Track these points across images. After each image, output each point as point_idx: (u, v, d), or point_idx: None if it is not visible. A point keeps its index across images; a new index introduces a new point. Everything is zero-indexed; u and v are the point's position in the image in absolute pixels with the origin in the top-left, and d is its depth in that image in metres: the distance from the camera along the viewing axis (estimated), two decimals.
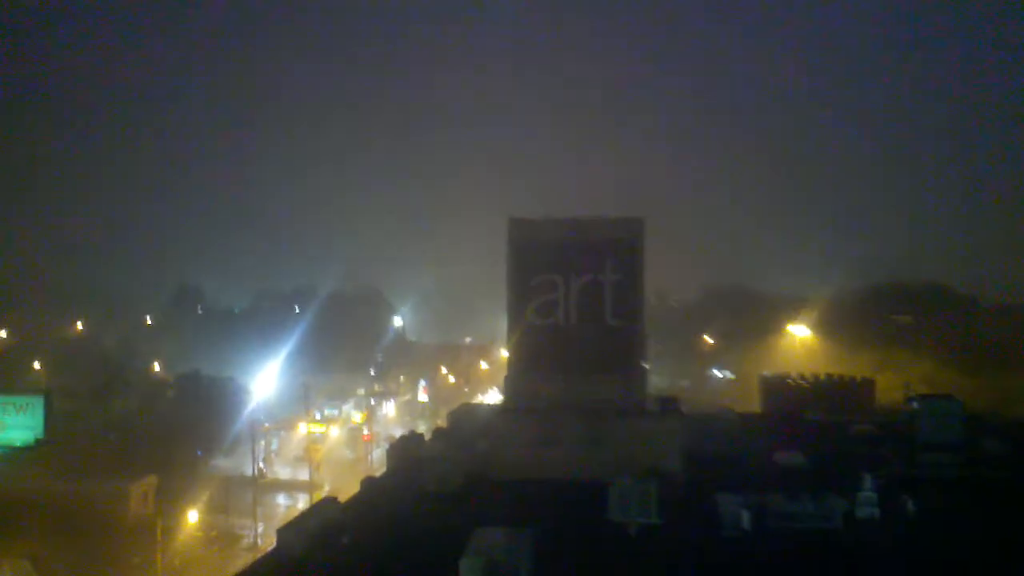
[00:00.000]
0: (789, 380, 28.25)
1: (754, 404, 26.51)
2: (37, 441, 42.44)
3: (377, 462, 51.19)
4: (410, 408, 77.78)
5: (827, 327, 48.27)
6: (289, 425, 61.05)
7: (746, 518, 15.62)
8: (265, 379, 56.71)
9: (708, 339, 57.11)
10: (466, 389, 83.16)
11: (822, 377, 28.69)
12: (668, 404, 22.72)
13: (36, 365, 67.30)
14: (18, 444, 42.43)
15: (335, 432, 64.14)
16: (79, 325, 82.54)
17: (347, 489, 22.39)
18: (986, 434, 23.50)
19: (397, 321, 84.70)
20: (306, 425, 58.15)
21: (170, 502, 40.53)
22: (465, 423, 22.80)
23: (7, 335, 74.93)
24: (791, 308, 51.51)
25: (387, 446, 26.39)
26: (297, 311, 72.66)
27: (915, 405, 24.81)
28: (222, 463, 51.63)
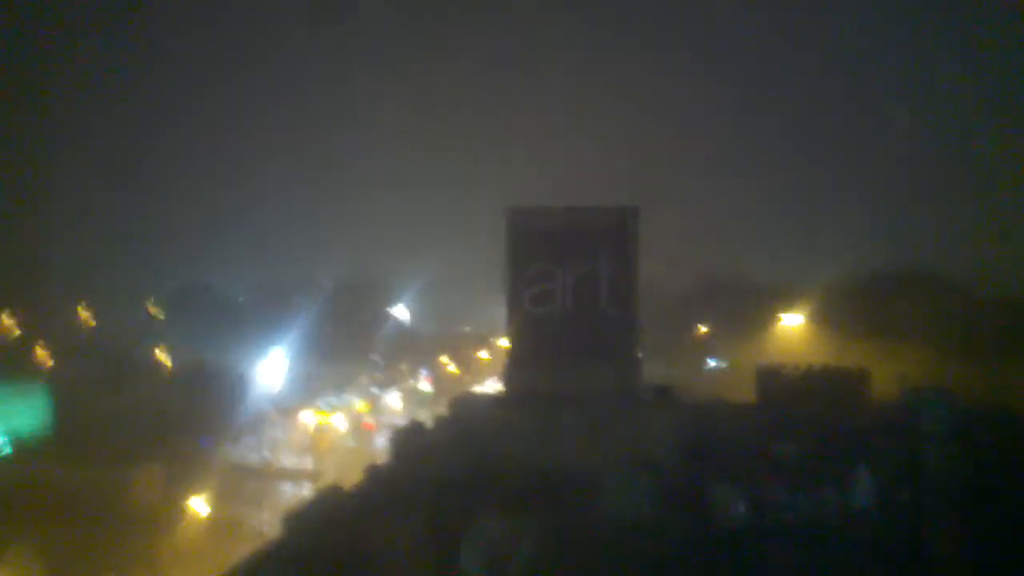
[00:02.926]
0: (784, 370, 28.36)
1: (749, 394, 26.66)
2: (43, 429, 42.83)
3: (380, 451, 51.50)
4: (412, 397, 78.00)
5: (822, 316, 48.37)
6: (293, 414, 61.39)
7: (741, 509, 15.89)
8: (269, 368, 57.03)
9: (703, 328, 57.21)
10: (467, 378, 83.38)
11: (817, 368, 28.79)
12: (663, 393, 22.98)
13: (41, 353, 67.60)
14: (23, 432, 42.82)
15: (339, 421, 64.48)
16: (85, 313, 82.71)
17: (351, 478, 22.71)
18: (983, 426, 23.65)
19: (399, 310, 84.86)
20: (310, 414, 58.51)
21: (176, 491, 40.91)
22: (466, 412, 23.08)
23: (13, 322, 75.18)
24: (787, 296, 51.59)
25: (389, 435, 26.68)
26: (301, 300, 72.85)
27: (911, 397, 25.01)
28: (228, 452, 52.04)
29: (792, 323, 50.05)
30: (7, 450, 41.54)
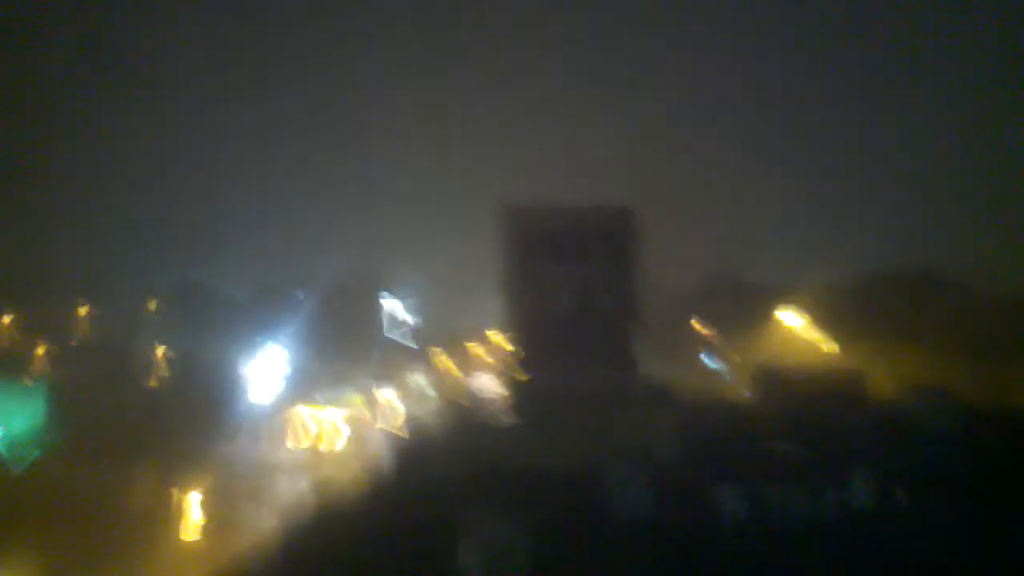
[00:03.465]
0: (784, 371, 28.41)
1: (747, 394, 26.71)
2: (42, 428, 42.61)
3: (379, 450, 51.35)
4: (412, 396, 77.86)
5: (822, 317, 48.28)
6: (291, 411, 61.18)
7: (741, 507, 15.84)
8: (267, 365, 56.87)
9: (703, 328, 57.12)
10: (462, 377, 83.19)
11: (817, 368, 28.86)
12: (662, 393, 22.96)
13: (40, 352, 67.38)
14: (22, 432, 42.60)
15: (336, 418, 64.27)
16: (83, 312, 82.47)
17: (348, 475, 22.67)
18: (983, 426, 23.59)
19: (398, 308, 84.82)
20: (308, 411, 58.32)
21: (173, 489, 40.76)
22: (464, 411, 23.06)
23: (11, 321, 74.97)
24: (786, 297, 51.52)
25: (389, 434, 26.67)
26: (300, 298, 72.75)
27: (910, 397, 25.03)
28: (225, 450, 51.85)
29: (792, 324, 49.96)
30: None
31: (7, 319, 75.88)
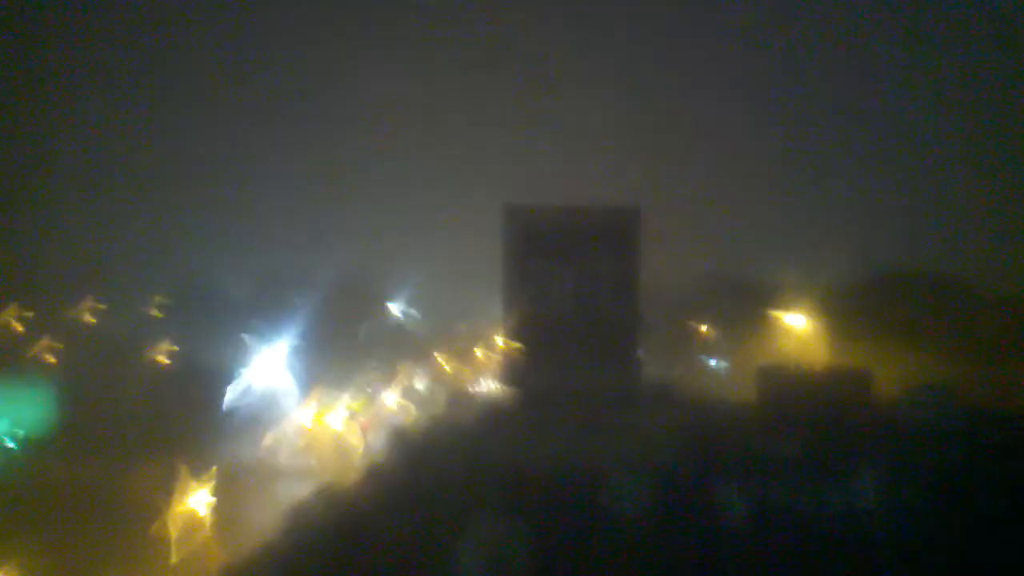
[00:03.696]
0: (786, 370, 28.29)
1: (750, 394, 26.59)
2: (46, 425, 42.58)
3: (377, 450, 51.26)
4: (409, 396, 77.79)
5: (824, 316, 48.21)
6: (291, 412, 61.17)
7: (743, 508, 15.77)
8: (267, 366, 56.88)
9: (704, 328, 57.02)
10: (464, 377, 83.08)
11: (819, 368, 28.75)
12: (664, 393, 22.88)
13: (42, 348, 67.35)
14: (27, 428, 42.56)
15: (336, 419, 64.26)
16: (88, 310, 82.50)
17: (348, 477, 22.60)
18: (985, 425, 23.52)
19: (395, 308, 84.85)
20: (308, 412, 58.33)
21: (175, 488, 40.77)
22: (463, 411, 22.99)
23: (14, 317, 74.95)
24: (788, 296, 51.46)
25: (386, 434, 26.61)
26: (301, 299, 72.78)
27: (913, 396, 24.96)
28: (226, 450, 51.84)
29: (793, 323, 49.94)
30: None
31: (10, 315, 75.84)
